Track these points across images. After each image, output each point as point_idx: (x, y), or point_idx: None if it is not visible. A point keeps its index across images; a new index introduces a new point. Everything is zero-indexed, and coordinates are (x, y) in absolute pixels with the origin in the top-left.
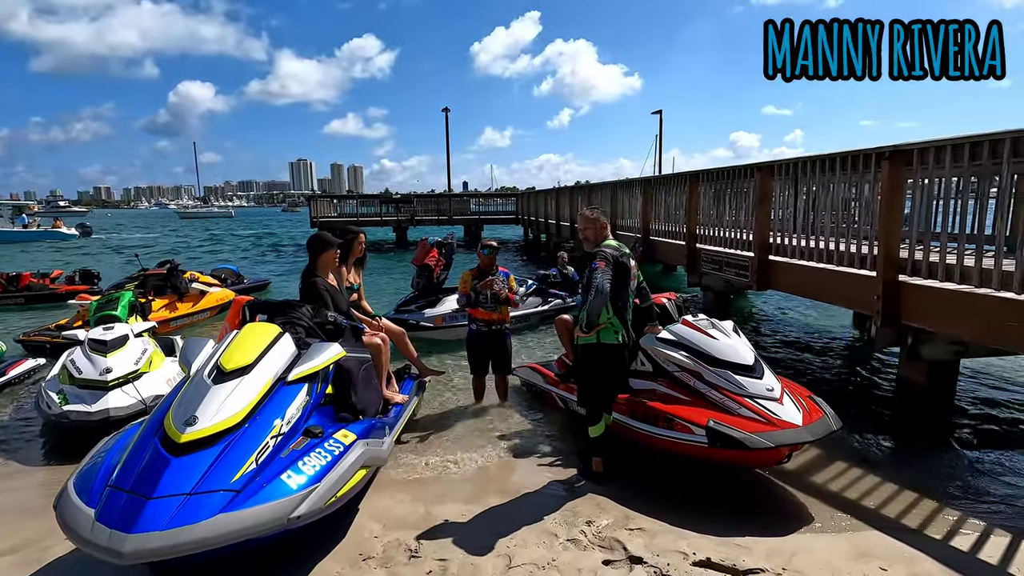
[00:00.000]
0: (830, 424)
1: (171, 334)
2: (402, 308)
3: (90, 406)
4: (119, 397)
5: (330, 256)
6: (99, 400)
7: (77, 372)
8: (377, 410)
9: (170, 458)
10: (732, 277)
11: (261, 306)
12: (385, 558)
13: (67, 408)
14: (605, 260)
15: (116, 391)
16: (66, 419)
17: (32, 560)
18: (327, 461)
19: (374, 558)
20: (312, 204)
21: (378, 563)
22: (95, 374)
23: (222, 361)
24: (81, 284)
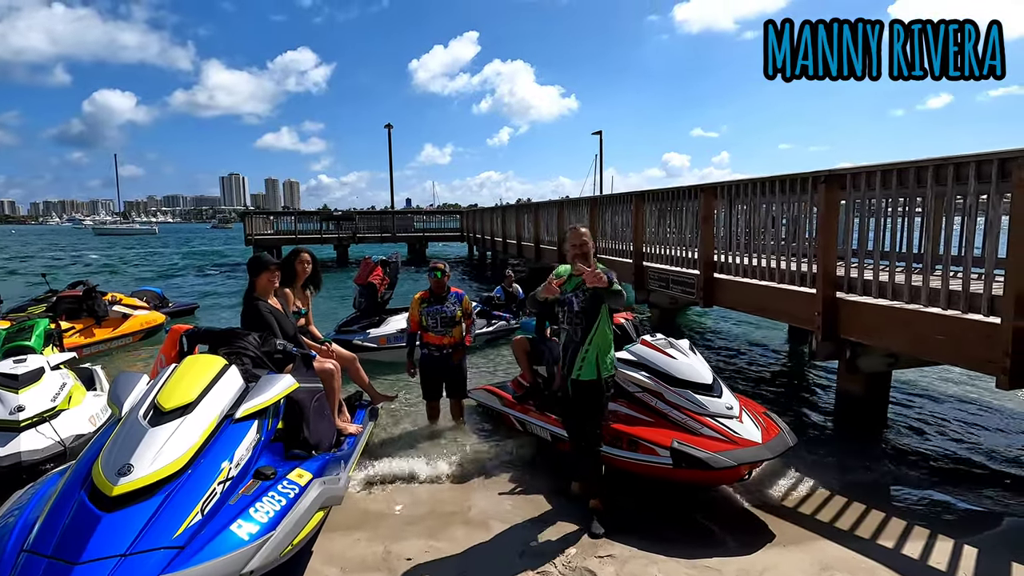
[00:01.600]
0: (787, 440)
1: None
2: (344, 328)
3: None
4: (33, 439)
5: (267, 277)
6: (9, 443)
7: None
8: (331, 443)
9: (101, 514)
10: (679, 294)
11: (202, 335)
12: None
13: None
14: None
15: (29, 432)
16: None
17: None
18: (282, 505)
19: None
20: (246, 221)
21: None
22: (4, 413)
23: (160, 399)
24: None
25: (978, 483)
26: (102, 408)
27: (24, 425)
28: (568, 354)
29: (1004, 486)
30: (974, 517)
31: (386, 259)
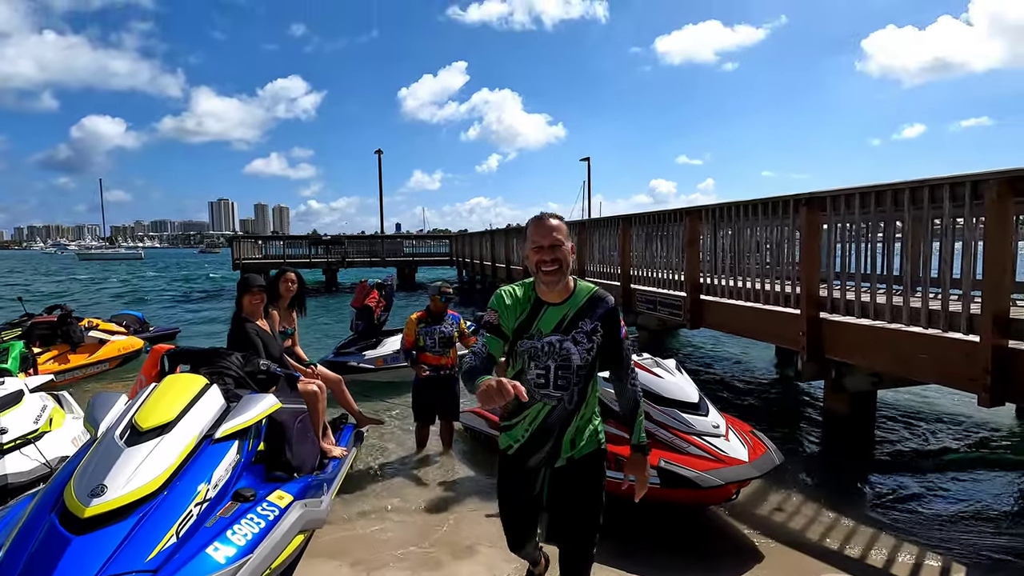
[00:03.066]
0: (774, 459)
1: (58, 389)
2: (342, 350)
3: None
4: (18, 461)
5: (254, 298)
6: None
7: None
8: (314, 465)
9: (71, 537)
10: (667, 316)
11: (183, 355)
12: None
13: None
14: None
15: (13, 454)
16: None
17: None
18: (260, 528)
19: None
20: (234, 245)
21: None
22: None
23: (137, 419)
24: None
25: (966, 500)
26: (82, 431)
27: (7, 447)
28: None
29: (990, 502)
30: (963, 538)
31: (382, 282)
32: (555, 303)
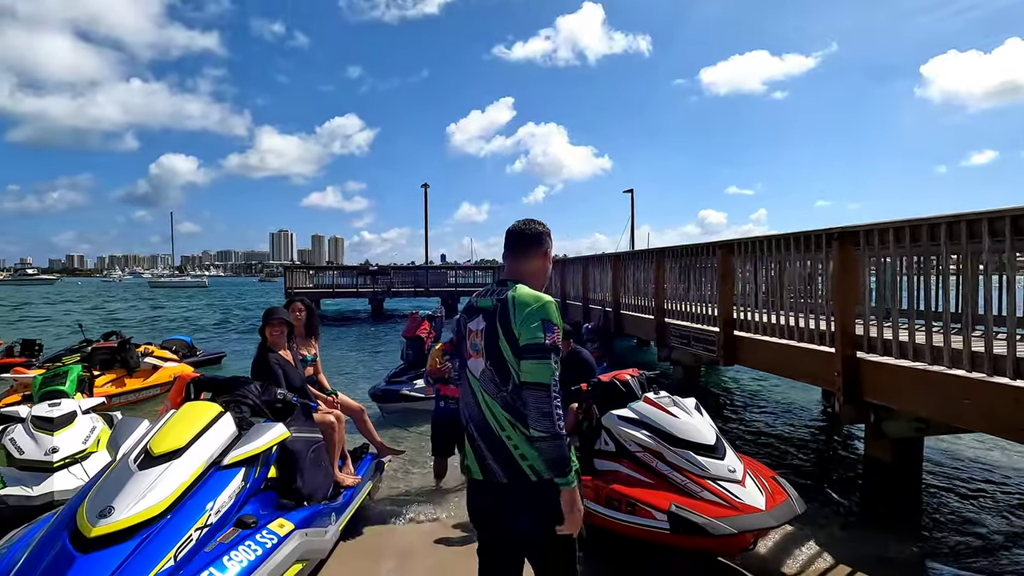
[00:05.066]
0: (794, 508)
1: (112, 410)
2: (393, 379)
3: (31, 489)
4: (65, 479)
5: (274, 329)
6: (43, 482)
7: (18, 452)
8: (326, 494)
9: (76, 555)
10: (700, 352)
11: (206, 383)
12: None
13: (3, 492)
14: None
15: (62, 472)
16: (2, 504)
17: None
18: (257, 555)
19: None
20: (287, 275)
21: None
22: (39, 454)
23: (151, 444)
24: (20, 356)
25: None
26: None
27: (57, 465)
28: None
29: None
30: None
31: (432, 314)
32: None
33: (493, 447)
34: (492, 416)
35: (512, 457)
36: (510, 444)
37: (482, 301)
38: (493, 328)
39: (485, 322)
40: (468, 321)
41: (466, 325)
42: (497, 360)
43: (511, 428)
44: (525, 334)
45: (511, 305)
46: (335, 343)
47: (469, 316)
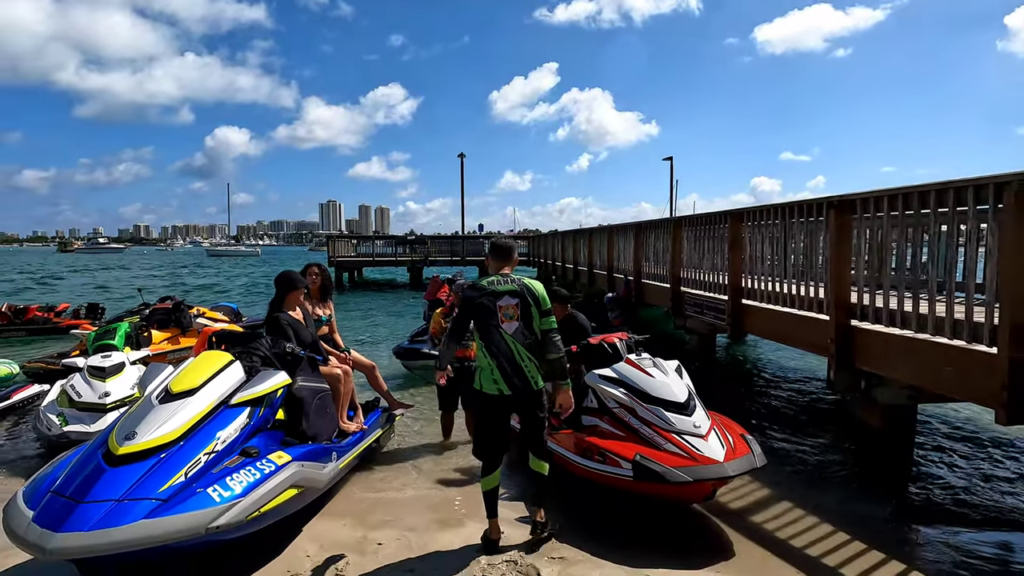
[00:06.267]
0: (753, 461)
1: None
2: (415, 339)
3: (89, 427)
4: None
5: (295, 295)
6: (98, 421)
7: (77, 396)
8: (329, 437)
9: (106, 468)
10: (712, 320)
11: (226, 336)
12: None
13: (67, 429)
14: (460, 302)
15: (113, 413)
16: (66, 439)
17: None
18: (255, 478)
19: (300, 575)
20: (330, 244)
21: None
22: (94, 398)
23: (171, 384)
24: (86, 318)
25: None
26: None
27: (110, 407)
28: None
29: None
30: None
31: (452, 278)
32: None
33: (516, 371)
34: (518, 355)
35: (527, 377)
36: (527, 370)
37: (501, 287)
38: (526, 303)
39: (517, 299)
40: (498, 300)
41: (495, 303)
42: (527, 321)
43: (528, 361)
44: (544, 304)
45: (531, 289)
46: (373, 308)
47: (496, 297)
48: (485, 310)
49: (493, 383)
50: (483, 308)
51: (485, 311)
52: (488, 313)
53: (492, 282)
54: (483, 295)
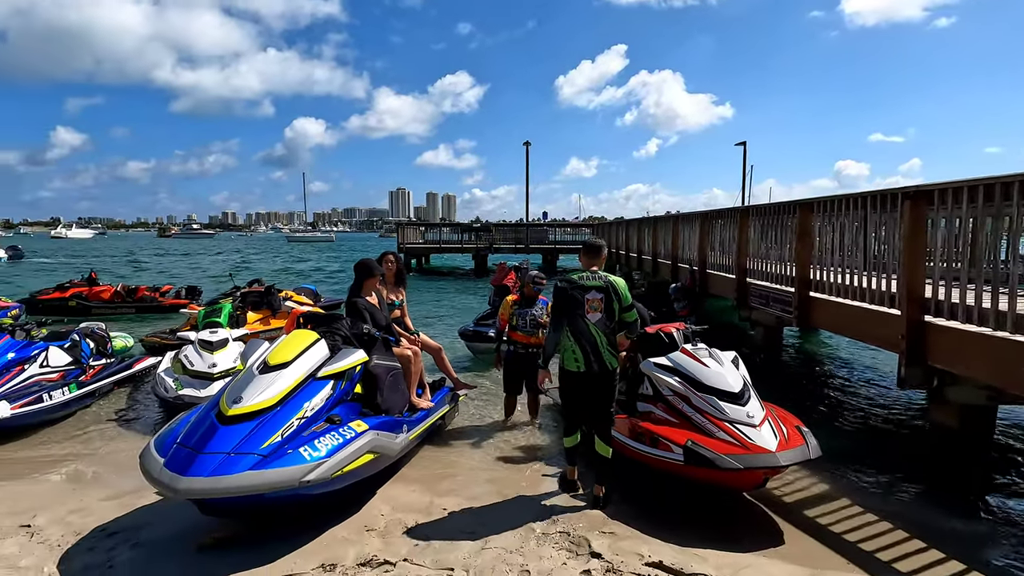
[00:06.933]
0: (806, 452)
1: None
2: (480, 322)
3: (199, 392)
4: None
5: (374, 282)
6: (207, 388)
7: (189, 365)
8: (401, 411)
9: (218, 426)
10: (778, 312)
11: (311, 317)
12: (384, 531)
13: (182, 392)
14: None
15: (220, 381)
16: (181, 401)
17: (132, 503)
18: (338, 443)
19: (375, 530)
20: (400, 231)
21: (378, 534)
22: (204, 367)
23: (268, 357)
24: (185, 298)
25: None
26: None
27: (216, 377)
28: None
29: None
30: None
31: (519, 265)
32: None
33: (596, 355)
34: (600, 341)
35: (604, 360)
36: (605, 354)
37: (589, 282)
38: (609, 297)
39: (602, 294)
40: (585, 293)
41: (583, 296)
42: (609, 313)
43: (606, 346)
44: (625, 300)
45: (615, 286)
46: (439, 293)
47: (584, 291)
48: (574, 301)
49: (575, 362)
50: (572, 299)
51: (574, 302)
52: (576, 304)
53: (582, 277)
54: (573, 288)
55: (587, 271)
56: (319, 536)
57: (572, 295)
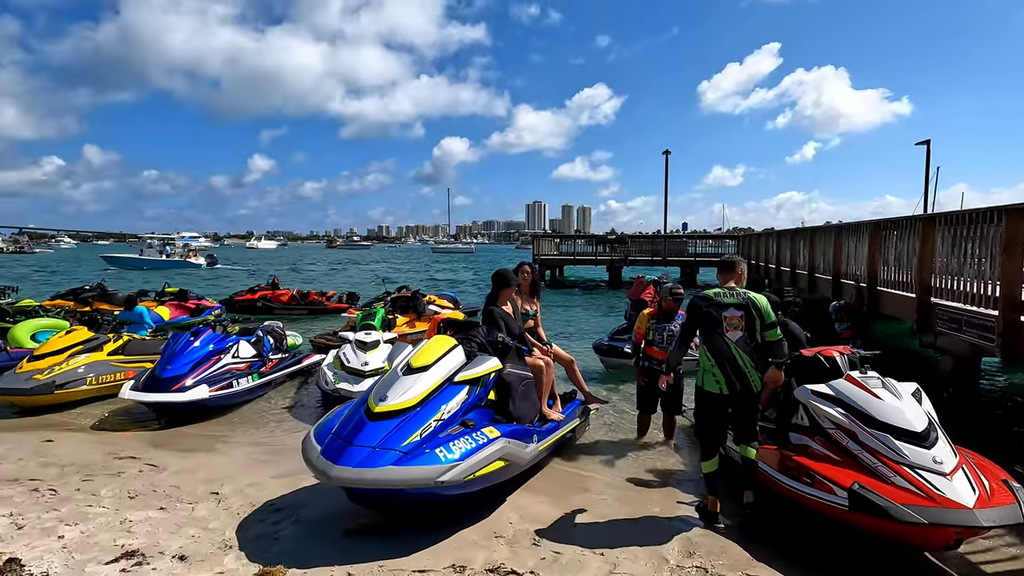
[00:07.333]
0: (1016, 514)
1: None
2: (615, 336)
3: (353, 387)
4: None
5: (510, 292)
6: (359, 383)
7: (347, 361)
8: (532, 421)
9: (366, 421)
10: (975, 340)
11: (451, 324)
12: (512, 540)
13: (339, 386)
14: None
15: (370, 378)
16: (338, 393)
17: (295, 483)
18: (471, 447)
19: (504, 538)
20: (535, 242)
21: (506, 542)
22: (358, 365)
23: (411, 360)
24: (346, 302)
25: None
26: None
27: (368, 374)
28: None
29: None
30: None
31: (657, 279)
32: None
33: (739, 375)
34: (741, 360)
35: (748, 380)
36: (749, 375)
37: (726, 299)
38: (750, 315)
39: (741, 311)
40: (723, 311)
41: (721, 313)
42: (750, 332)
43: (750, 366)
44: (768, 317)
45: (756, 302)
46: (571, 305)
47: (721, 308)
48: (711, 319)
49: (715, 383)
50: (709, 317)
51: (711, 320)
52: (713, 322)
53: (718, 294)
54: (710, 305)
55: (723, 288)
56: (451, 536)
57: (708, 312)
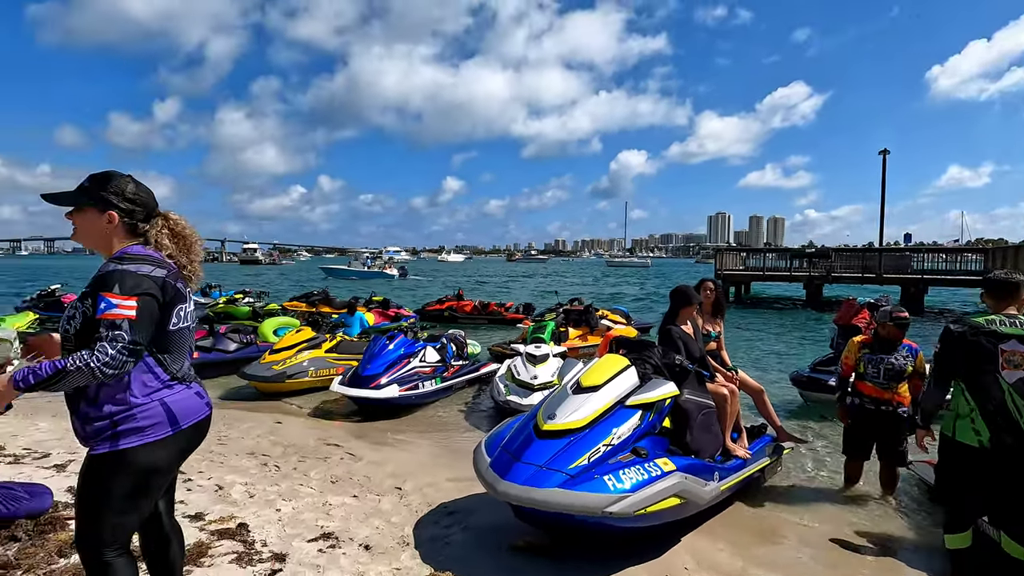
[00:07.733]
0: None
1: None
2: (819, 367)
3: (522, 400)
4: (539, 397)
5: (689, 310)
6: (528, 397)
7: (516, 374)
8: (712, 455)
9: (534, 438)
10: None
11: (624, 342)
12: None
13: (509, 398)
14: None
15: (539, 392)
16: (507, 405)
17: (467, 488)
18: (643, 478)
19: None
20: (718, 256)
21: None
22: (527, 378)
23: (581, 379)
24: (522, 314)
25: None
26: None
27: (536, 387)
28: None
29: None
30: None
31: (875, 302)
32: None
33: (1009, 426)
34: (1015, 408)
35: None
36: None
37: (1006, 328)
38: None
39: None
40: (1000, 343)
41: (997, 345)
42: None
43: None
44: None
45: None
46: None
47: (999, 339)
48: (981, 352)
49: (974, 433)
50: (979, 349)
51: (981, 353)
52: (985, 357)
53: (992, 321)
54: (979, 334)
55: (998, 315)
56: (618, 571)
57: (977, 343)
